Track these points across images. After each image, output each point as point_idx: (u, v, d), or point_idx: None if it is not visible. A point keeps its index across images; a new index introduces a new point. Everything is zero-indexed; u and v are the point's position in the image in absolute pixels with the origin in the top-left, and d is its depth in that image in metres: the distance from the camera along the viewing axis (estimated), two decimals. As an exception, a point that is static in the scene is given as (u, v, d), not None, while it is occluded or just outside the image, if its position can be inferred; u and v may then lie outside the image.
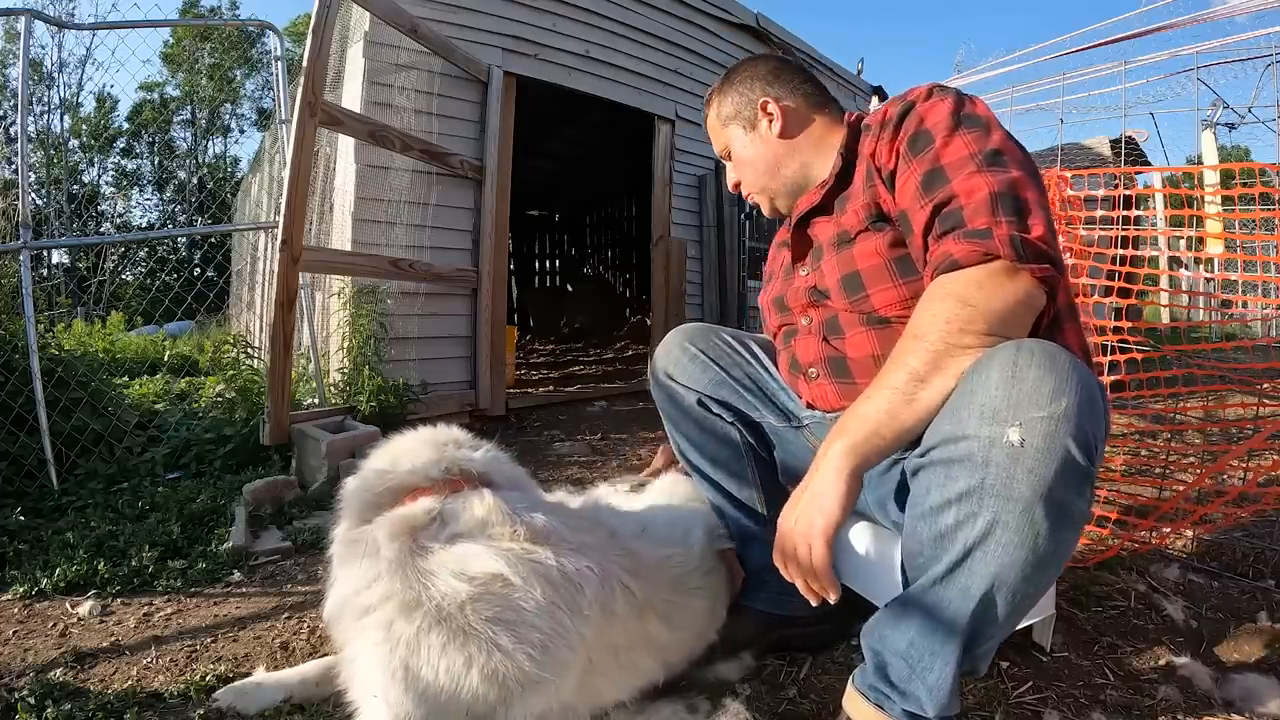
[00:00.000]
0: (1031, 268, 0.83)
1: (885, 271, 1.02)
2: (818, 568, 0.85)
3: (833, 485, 0.84)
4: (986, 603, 0.79)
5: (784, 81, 1.20)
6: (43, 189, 16.81)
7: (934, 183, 0.92)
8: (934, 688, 0.84)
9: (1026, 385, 0.75)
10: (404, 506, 0.97)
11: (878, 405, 0.85)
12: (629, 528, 1.18)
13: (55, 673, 1.23)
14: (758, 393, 1.30)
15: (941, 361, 0.82)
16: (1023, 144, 0.97)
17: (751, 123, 1.20)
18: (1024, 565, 0.76)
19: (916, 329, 0.86)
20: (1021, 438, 0.73)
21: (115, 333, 7.00)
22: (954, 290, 0.84)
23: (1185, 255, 2.66)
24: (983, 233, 0.85)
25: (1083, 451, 0.74)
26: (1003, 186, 0.87)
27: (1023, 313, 0.84)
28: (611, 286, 10.69)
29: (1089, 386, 0.76)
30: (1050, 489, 0.73)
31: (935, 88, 1.00)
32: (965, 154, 0.91)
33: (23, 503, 2.09)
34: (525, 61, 3.74)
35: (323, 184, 3.60)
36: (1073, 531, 0.78)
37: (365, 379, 2.92)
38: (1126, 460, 2.24)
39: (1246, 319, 3.95)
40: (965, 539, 0.78)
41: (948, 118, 0.94)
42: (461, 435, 1.13)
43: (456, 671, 0.87)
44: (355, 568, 0.94)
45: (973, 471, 0.76)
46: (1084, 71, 7.33)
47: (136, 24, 2.83)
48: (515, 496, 1.03)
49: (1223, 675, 1.18)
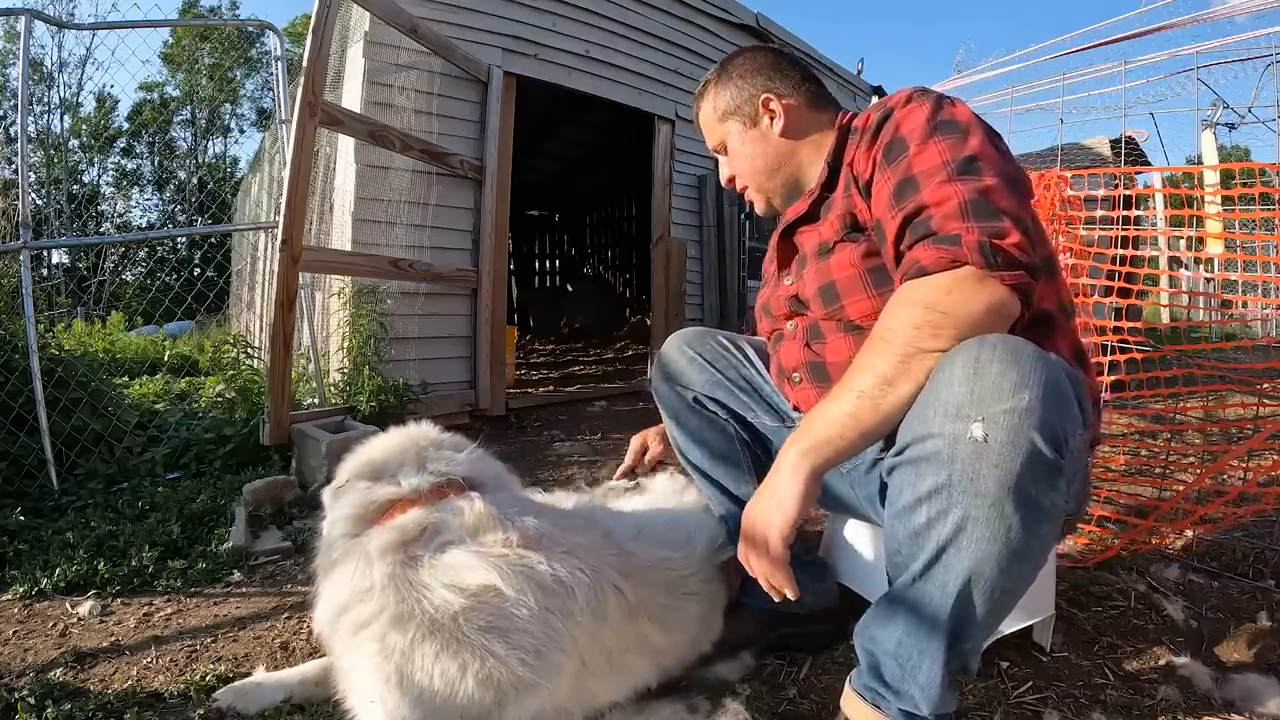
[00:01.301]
0: (1002, 274, 0.82)
1: (859, 283, 1.03)
2: (775, 564, 0.86)
3: (790, 485, 0.85)
4: (964, 599, 0.80)
5: (785, 77, 1.18)
6: (43, 189, 16.81)
7: (905, 192, 0.92)
8: (925, 686, 0.85)
9: (988, 380, 0.75)
10: (393, 520, 0.96)
11: (842, 407, 0.85)
12: (625, 529, 1.18)
13: (55, 673, 1.23)
14: (752, 393, 1.31)
15: (909, 365, 0.82)
16: (1006, 146, 0.96)
17: (752, 119, 1.18)
18: (999, 559, 0.77)
19: (885, 332, 0.86)
20: (985, 433, 0.74)
21: (115, 333, 7.00)
22: (922, 296, 0.84)
23: (1185, 255, 2.66)
24: (951, 239, 0.84)
25: (1049, 444, 0.74)
26: (974, 194, 0.86)
27: (993, 320, 0.82)
28: (611, 286, 10.69)
29: (1054, 379, 0.76)
30: (1017, 482, 0.74)
31: (915, 92, 1.00)
32: (938, 162, 0.90)
33: (23, 503, 2.09)
34: (525, 61, 3.74)
35: (323, 184, 3.60)
36: (1047, 525, 0.78)
37: (365, 379, 2.92)
38: (1126, 460, 2.25)
39: (1246, 319, 3.95)
40: (938, 536, 0.79)
41: (923, 124, 0.94)
42: (439, 435, 1.11)
43: (451, 677, 0.87)
44: (347, 583, 0.94)
45: (940, 469, 0.77)
46: (1084, 71, 7.34)
47: (136, 24, 2.83)
48: (504, 499, 1.03)
49: (1223, 675, 1.18)
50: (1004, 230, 0.84)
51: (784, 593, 0.87)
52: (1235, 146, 14.84)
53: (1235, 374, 2.17)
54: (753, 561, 0.90)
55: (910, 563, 0.83)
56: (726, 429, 1.31)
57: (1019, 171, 0.95)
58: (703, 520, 1.32)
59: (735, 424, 1.31)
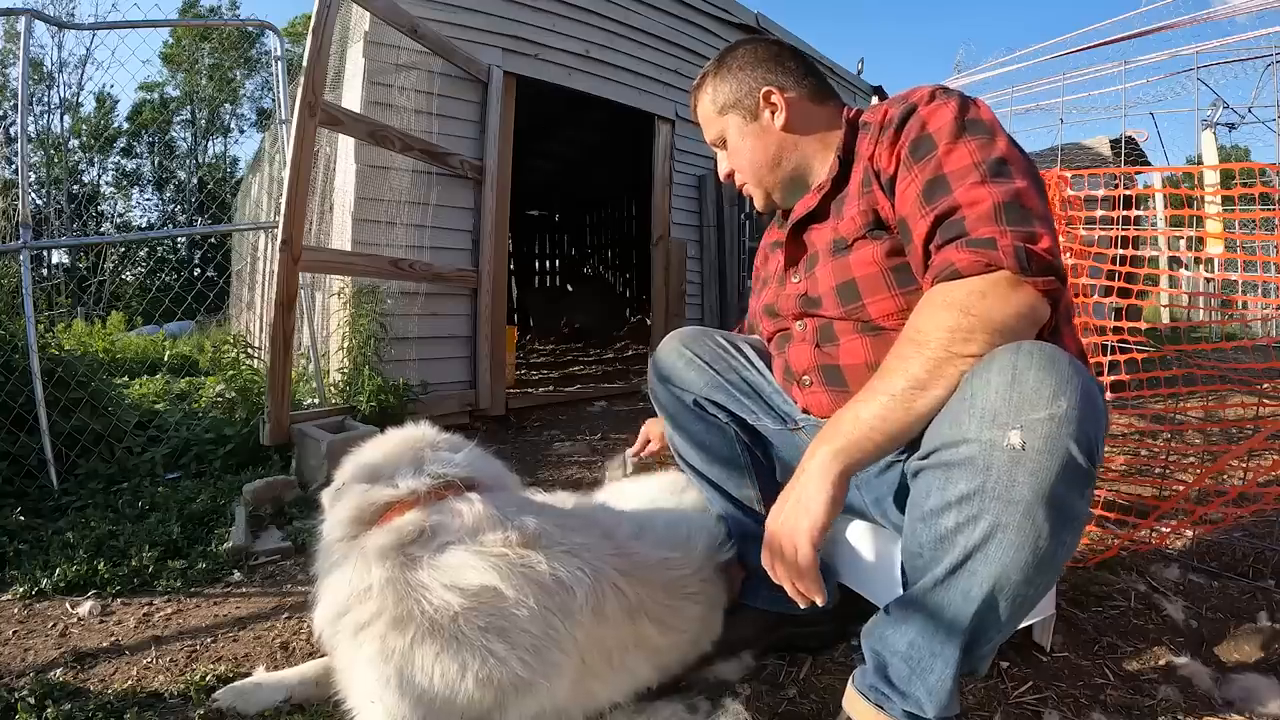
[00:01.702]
0: (1036, 280, 0.81)
1: (882, 281, 1.01)
2: (803, 570, 0.84)
3: (820, 488, 0.83)
4: (988, 605, 0.79)
5: (787, 70, 1.15)
6: (43, 189, 16.80)
7: (936, 191, 0.90)
8: (934, 688, 0.84)
9: (1027, 388, 0.74)
10: (391, 522, 0.96)
11: (873, 410, 0.83)
12: (625, 528, 1.17)
13: (55, 673, 1.23)
14: (753, 395, 1.29)
15: (942, 369, 0.81)
16: (1023, 148, 0.95)
17: (753, 112, 1.16)
18: (1025, 567, 0.76)
19: (917, 335, 0.84)
20: (1023, 440, 0.73)
21: (115, 333, 7.01)
22: (957, 299, 0.83)
23: (1185, 255, 2.66)
24: (987, 242, 0.83)
25: (1084, 453, 0.74)
26: (1007, 197, 0.85)
27: (1026, 325, 0.82)
28: (611, 286, 10.68)
29: (1089, 388, 0.76)
30: (1051, 491, 0.73)
31: (938, 90, 0.98)
32: (969, 162, 0.89)
33: (23, 503, 2.09)
34: (525, 61, 3.74)
35: (323, 184, 3.60)
36: (1073, 533, 0.78)
37: (365, 379, 2.92)
38: (1126, 460, 2.25)
39: (1246, 319, 3.95)
40: (965, 542, 0.78)
41: (951, 123, 0.92)
42: (436, 435, 1.11)
43: (451, 677, 0.87)
44: (345, 586, 0.94)
45: (973, 475, 0.76)
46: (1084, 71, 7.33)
47: (136, 24, 2.83)
48: (503, 498, 1.03)
49: (1223, 675, 1.18)
50: (1037, 235, 0.83)
51: (813, 599, 0.86)
52: (1235, 146, 14.81)
53: (1235, 374, 2.17)
54: (779, 569, 0.87)
55: (933, 566, 0.82)
56: (726, 431, 1.29)
57: (1039, 175, 0.94)
58: (703, 520, 1.32)
59: (735, 426, 1.29)
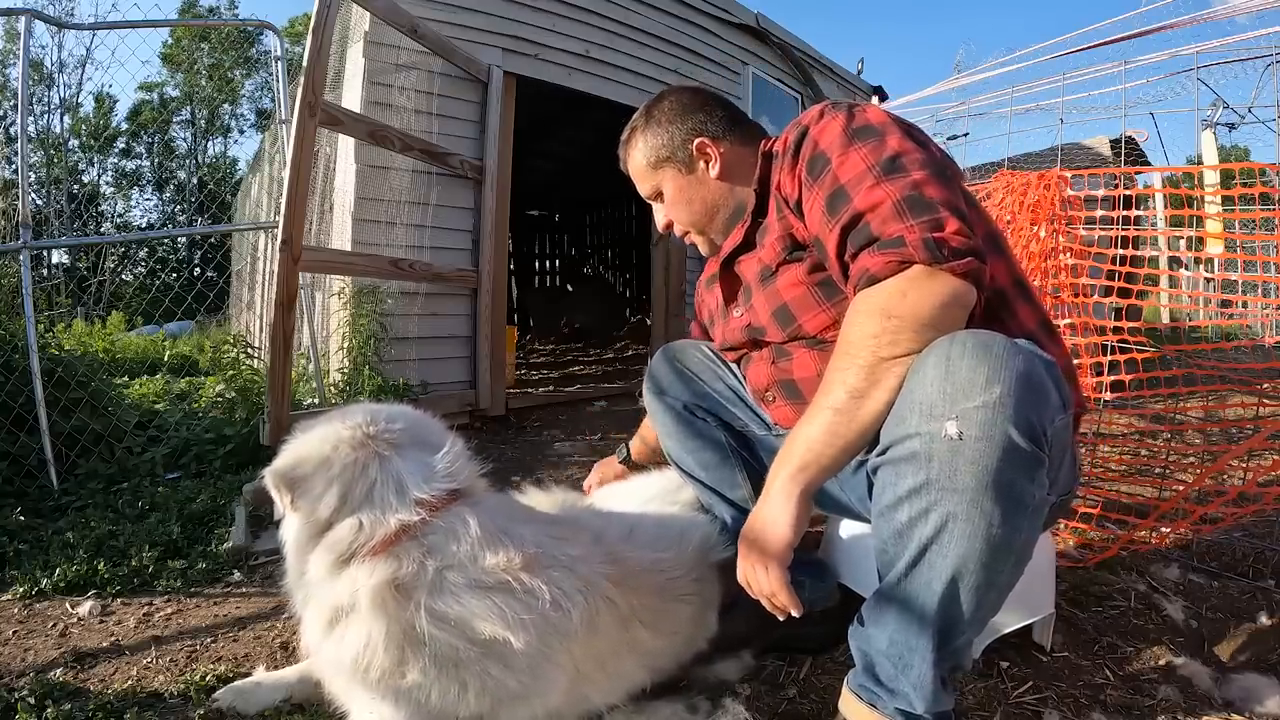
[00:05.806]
0: (953, 265, 0.82)
1: (811, 298, 1.04)
2: (775, 589, 0.88)
3: (783, 509, 0.86)
4: (950, 596, 0.80)
5: (715, 118, 1.17)
6: (43, 189, 16.81)
7: (838, 203, 0.92)
8: (917, 684, 0.85)
9: (960, 378, 0.75)
10: (381, 559, 0.92)
11: (819, 427, 0.85)
12: (615, 530, 1.17)
13: (55, 673, 1.23)
14: (738, 403, 1.33)
15: (876, 375, 0.83)
16: (925, 135, 0.96)
17: (688, 165, 1.18)
18: (981, 555, 0.77)
19: (848, 346, 0.86)
20: (959, 430, 0.74)
21: (115, 333, 7.01)
22: (878, 304, 0.84)
23: (1185, 255, 2.66)
24: (895, 241, 0.84)
25: (1025, 436, 0.74)
26: (906, 191, 0.86)
27: (951, 312, 0.83)
28: (611, 287, 10.68)
29: (1027, 370, 0.76)
30: (995, 477, 0.74)
31: (826, 106, 1.01)
32: (863, 168, 0.91)
33: (23, 503, 2.09)
34: (525, 61, 3.73)
35: (323, 184, 3.60)
36: (1028, 518, 0.78)
37: (365, 379, 2.92)
38: (1126, 460, 2.25)
39: (1246, 319, 3.95)
40: (920, 535, 0.79)
41: (840, 135, 0.95)
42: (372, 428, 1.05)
43: (451, 697, 0.90)
44: (348, 649, 0.90)
45: (918, 469, 0.77)
46: (1084, 71, 7.32)
47: (136, 24, 2.83)
48: (494, 507, 1.02)
49: (1223, 675, 1.18)
50: (942, 221, 0.84)
51: (788, 611, 0.89)
52: (1235, 146, 14.78)
53: (1235, 374, 2.17)
54: (753, 584, 0.91)
55: (896, 561, 0.84)
56: (716, 437, 1.33)
57: (944, 157, 0.95)
58: (695, 519, 1.33)
59: (725, 432, 1.33)
